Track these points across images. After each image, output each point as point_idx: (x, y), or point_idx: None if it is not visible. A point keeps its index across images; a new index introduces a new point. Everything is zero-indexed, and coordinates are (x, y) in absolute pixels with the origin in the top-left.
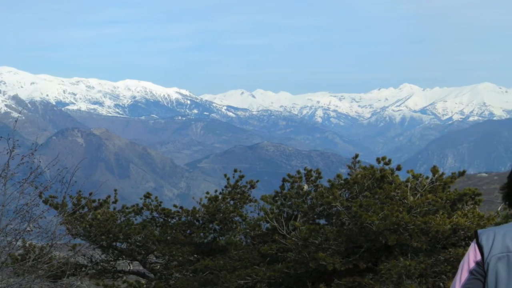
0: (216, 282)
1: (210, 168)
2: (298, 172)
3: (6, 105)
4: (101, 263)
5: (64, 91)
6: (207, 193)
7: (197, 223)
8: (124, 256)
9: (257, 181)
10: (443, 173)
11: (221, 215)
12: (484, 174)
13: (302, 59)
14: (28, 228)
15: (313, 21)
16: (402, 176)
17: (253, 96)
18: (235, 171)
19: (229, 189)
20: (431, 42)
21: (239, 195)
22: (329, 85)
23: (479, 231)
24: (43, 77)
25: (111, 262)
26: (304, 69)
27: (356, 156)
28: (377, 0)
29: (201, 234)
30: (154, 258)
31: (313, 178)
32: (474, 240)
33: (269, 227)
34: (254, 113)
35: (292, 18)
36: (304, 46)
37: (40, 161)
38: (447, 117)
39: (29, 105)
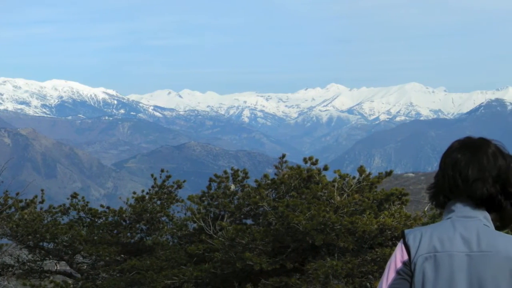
0: (143, 282)
1: (137, 168)
2: (225, 172)
3: None
4: (28, 263)
5: None
6: (134, 193)
7: (124, 223)
8: (51, 256)
9: (184, 181)
10: (370, 173)
11: (148, 215)
12: (411, 174)
13: (229, 59)
14: None
15: (240, 21)
16: (329, 176)
17: (180, 96)
18: (162, 171)
19: (156, 189)
20: (358, 42)
21: (166, 195)
22: (256, 85)
23: (406, 231)
24: None
25: (38, 262)
26: (231, 69)
27: (283, 156)
28: (305, 0)
29: (128, 234)
30: (81, 258)
31: (240, 178)
32: (401, 240)
33: (196, 227)
34: (181, 113)
35: (219, 18)
36: (231, 46)
37: None
38: (374, 117)
39: None
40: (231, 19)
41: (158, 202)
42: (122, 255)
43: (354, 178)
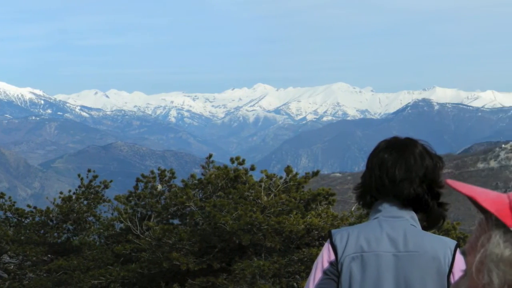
0: (70, 282)
1: (64, 168)
2: (152, 172)
3: None
4: None
5: None
6: (61, 193)
7: (50, 223)
8: None
9: (111, 181)
10: (296, 173)
11: (75, 215)
12: (337, 174)
13: (156, 59)
14: None
15: (167, 21)
16: (256, 176)
17: (107, 96)
18: (89, 171)
19: (83, 189)
20: (285, 42)
21: (92, 195)
22: (183, 85)
23: (333, 231)
24: None
25: None
26: (158, 69)
27: (210, 156)
28: (232, 1)
29: (55, 234)
30: (8, 258)
31: (166, 178)
32: (328, 240)
33: (123, 227)
34: (108, 113)
35: (147, 18)
36: (158, 46)
37: None
38: (301, 117)
39: None
40: (158, 19)
41: (85, 202)
42: (49, 255)
43: (281, 178)
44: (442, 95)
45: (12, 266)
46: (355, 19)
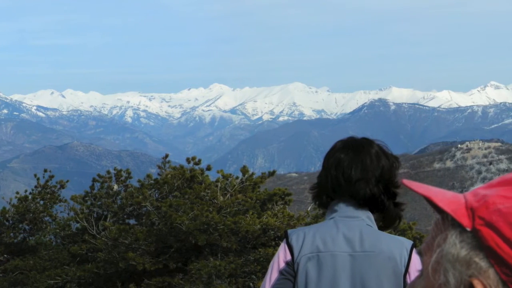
0: (26, 282)
1: (20, 168)
2: (108, 172)
3: None
4: None
5: None
6: (17, 193)
7: (6, 223)
8: None
9: (67, 181)
10: (253, 173)
11: (31, 215)
12: (294, 174)
13: (112, 59)
14: None
15: (123, 21)
16: (212, 176)
17: (63, 96)
18: (45, 171)
19: (39, 189)
20: (241, 42)
21: (49, 195)
22: (139, 85)
23: (289, 231)
24: None
25: None
26: (114, 69)
27: (166, 156)
28: (187, 1)
29: (11, 234)
30: None
31: (123, 178)
32: (284, 240)
33: (79, 227)
34: (64, 113)
35: (103, 18)
36: (114, 46)
37: None
38: (257, 117)
39: None
40: (114, 19)
41: (41, 202)
42: (5, 255)
43: (237, 178)
44: (398, 95)
45: None
46: (312, 19)
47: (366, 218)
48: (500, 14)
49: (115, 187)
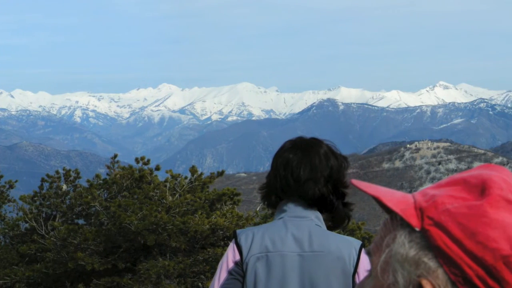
0: None
1: None
2: (57, 172)
3: None
4: None
5: None
6: None
7: None
8: None
9: (16, 181)
10: (202, 173)
11: None
12: (243, 174)
13: (61, 59)
14: None
15: (71, 21)
16: (161, 176)
17: (12, 96)
18: None
19: None
20: (190, 42)
21: None
22: (88, 85)
23: (238, 231)
24: None
25: None
26: (63, 69)
27: (115, 156)
28: (135, 1)
29: None
30: None
31: (72, 178)
32: (233, 240)
33: (28, 227)
34: (13, 113)
35: (51, 18)
36: (63, 46)
37: None
38: (206, 117)
39: None
40: (63, 19)
41: None
42: None
43: (186, 178)
44: (347, 95)
45: None
46: (261, 19)
47: (315, 218)
48: (449, 14)
49: (64, 187)
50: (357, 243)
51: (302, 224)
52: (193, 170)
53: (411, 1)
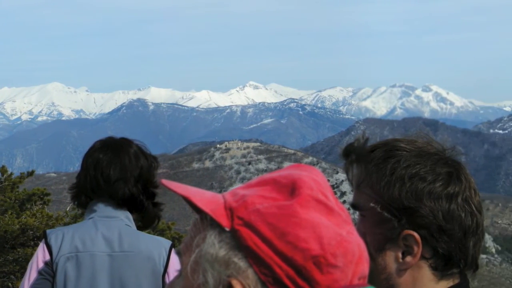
0: None
1: None
2: None
3: None
4: None
5: None
6: None
7: None
8: None
9: None
10: (12, 173)
11: None
12: (53, 174)
13: None
14: None
15: None
16: None
17: None
18: None
19: None
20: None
21: None
22: None
23: (48, 231)
24: None
25: None
26: None
27: None
28: None
29: None
30: None
31: None
32: (43, 240)
33: None
34: None
35: None
36: None
37: None
38: (16, 117)
39: None
40: None
41: None
42: None
43: None
44: (157, 95)
45: None
46: (69, 19)
47: (125, 218)
48: (258, 14)
49: None
50: (167, 243)
51: (112, 224)
52: (3, 170)
53: (221, 1)
